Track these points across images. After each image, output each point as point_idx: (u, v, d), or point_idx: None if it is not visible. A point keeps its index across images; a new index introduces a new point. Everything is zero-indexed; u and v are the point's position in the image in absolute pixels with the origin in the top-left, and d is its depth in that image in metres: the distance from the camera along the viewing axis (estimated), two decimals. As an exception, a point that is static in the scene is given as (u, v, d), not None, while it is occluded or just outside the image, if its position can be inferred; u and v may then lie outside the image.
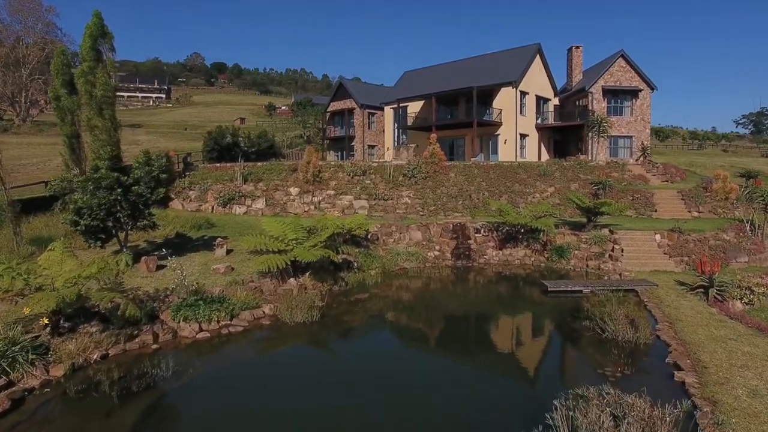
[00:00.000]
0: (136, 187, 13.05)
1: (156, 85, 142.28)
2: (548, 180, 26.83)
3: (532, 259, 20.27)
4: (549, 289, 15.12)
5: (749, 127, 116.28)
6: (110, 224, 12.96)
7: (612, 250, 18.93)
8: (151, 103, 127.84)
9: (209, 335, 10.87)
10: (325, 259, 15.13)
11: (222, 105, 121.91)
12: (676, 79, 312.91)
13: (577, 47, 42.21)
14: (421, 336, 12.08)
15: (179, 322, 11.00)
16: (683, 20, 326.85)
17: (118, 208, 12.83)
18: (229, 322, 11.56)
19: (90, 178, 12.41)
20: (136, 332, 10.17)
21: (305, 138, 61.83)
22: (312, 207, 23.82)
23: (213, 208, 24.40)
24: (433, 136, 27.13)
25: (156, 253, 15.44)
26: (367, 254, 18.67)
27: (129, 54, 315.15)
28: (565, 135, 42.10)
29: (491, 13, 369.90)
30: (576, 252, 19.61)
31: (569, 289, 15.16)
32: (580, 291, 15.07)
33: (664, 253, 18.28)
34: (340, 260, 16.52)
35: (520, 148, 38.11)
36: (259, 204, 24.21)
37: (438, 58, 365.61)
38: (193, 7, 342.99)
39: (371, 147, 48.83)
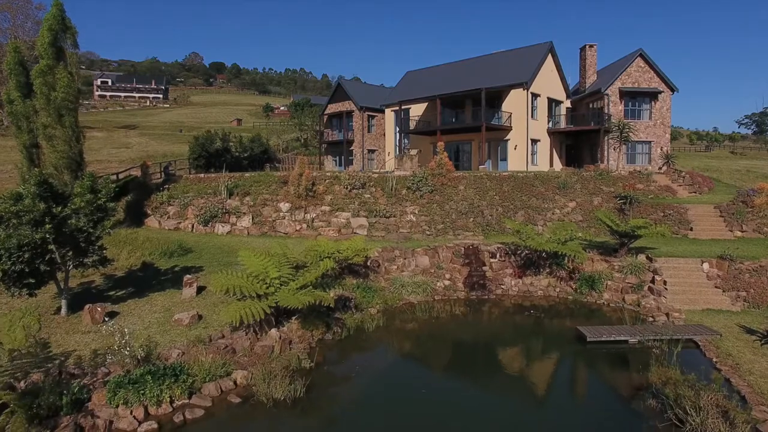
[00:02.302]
0: (73, 221, 10.31)
1: (153, 85, 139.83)
2: (568, 193, 24.11)
3: (557, 289, 17.55)
4: (588, 339, 12.39)
5: (752, 127, 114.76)
6: (42, 267, 10.25)
7: (652, 282, 16.21)
8: (148, 103, 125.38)
9: (156, 426, 8.13)
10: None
11: (219, 105, 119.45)
12: (675, 78, 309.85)
13: (591, 46, 39.46)
14: (435, 418, 9.32)
15: (117, 406, 8.28)
16: (683, 19, 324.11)
17: (51, 247, 10.13)
18: (186, 401, 8.84)
19: (7, 210, 9.65)
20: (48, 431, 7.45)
21: (302, 141, 59.18)
22: (304, 225, 21.09)
23: (193, 226, 21.66)
24: (441, 144, 24.41)
25: (111, 292, 12.76)
26: (367, 287, 15.96)
27: (127, 53, 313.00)
28: (577, 140, 39.39)
29: (493, 11, 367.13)
30: (609, 282, 16.88)
31: (613, 339, 12.44)
32: (626, 341, 12.40)
33: (716, 287, 15.56)
34: (335, 298, 13.83)
35: (531, 154, 35.37)
36: (245, 222, 21.47)
37: (440, 57, 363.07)
38: (192, 7, 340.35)
39: (371, 152, 46.11)
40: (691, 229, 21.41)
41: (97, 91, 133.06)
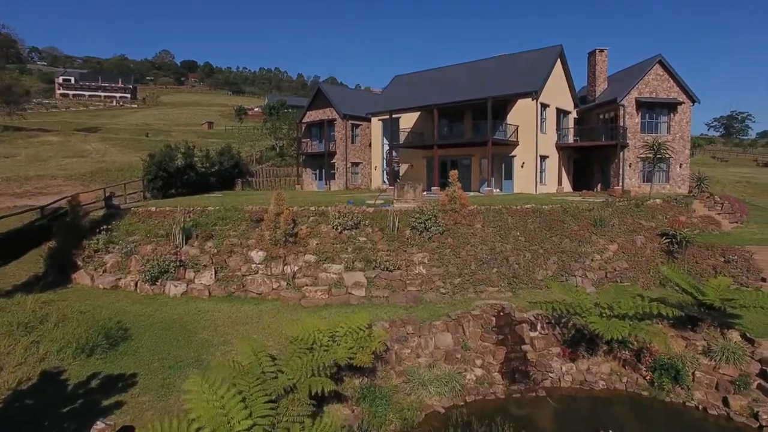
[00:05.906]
0: None
1: (120, 84, 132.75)
2: (606, 232, 19.86)
3: (625, 379, 13.15)
4: None
5: (720, 129, 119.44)
6: None
7: (762, 376, 12.00)
8: (114, 103, 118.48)
9: None
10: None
11: (191, 106, 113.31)
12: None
13: (601, 50, 35.47)
14: None
15: None
16: (647, 19, 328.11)
17: None
18: None
19: None
20: None
21: (277, 150, 53.89)
22: (283, 283, 16.22)
23: (137, 284, 16.50)
24: (453, 173, 19.82)
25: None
26: (375, 393, 11.26)
27: (92, 50, 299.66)
28: (586, 156, 35.39)
29: (485, 11, 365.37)
30: (698, 374, 12.59)
31: None
32: None
33: None
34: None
35: (540, 172, 31.20)
36: (206, 278, 16.45)
37: (421, 57, 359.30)
38: (163, 2, 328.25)
39: (355, 164, 41.39)
40: (764, 280, 17.43)
41: (59, 89, 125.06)
